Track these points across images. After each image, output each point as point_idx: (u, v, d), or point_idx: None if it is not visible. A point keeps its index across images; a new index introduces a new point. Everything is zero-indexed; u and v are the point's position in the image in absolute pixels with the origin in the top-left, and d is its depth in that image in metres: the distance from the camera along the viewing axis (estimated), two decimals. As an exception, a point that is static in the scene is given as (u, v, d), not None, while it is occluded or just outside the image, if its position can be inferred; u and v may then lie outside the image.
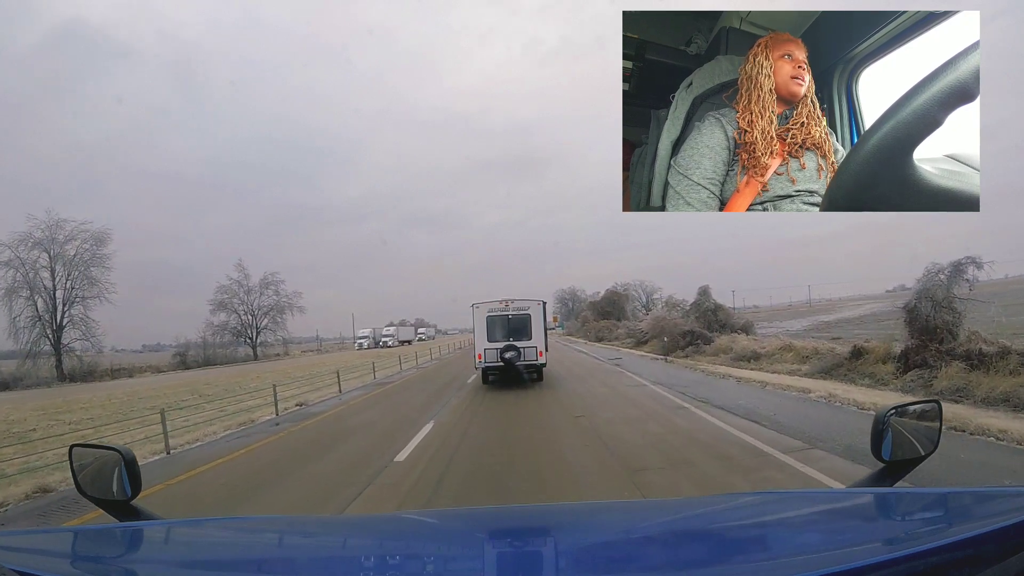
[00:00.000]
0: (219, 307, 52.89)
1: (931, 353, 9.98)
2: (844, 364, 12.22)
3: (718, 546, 1.16)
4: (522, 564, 1.13)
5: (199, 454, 8.40)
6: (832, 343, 16.25)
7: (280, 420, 11.26)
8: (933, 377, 9.43)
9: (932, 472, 4.34)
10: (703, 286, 27.01)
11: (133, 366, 41.67)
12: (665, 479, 5.33)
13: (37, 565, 0.94)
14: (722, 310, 26.49)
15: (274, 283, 55.39)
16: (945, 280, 10.79)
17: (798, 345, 16.74)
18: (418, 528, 1.52)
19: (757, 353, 17.18)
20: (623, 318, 47.60)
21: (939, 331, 10.28)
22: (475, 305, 14.89)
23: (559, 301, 76.49)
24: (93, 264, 39.00)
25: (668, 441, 6.96)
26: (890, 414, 1.36)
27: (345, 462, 6.96)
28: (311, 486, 5.98)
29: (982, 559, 0.76)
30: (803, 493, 1.95)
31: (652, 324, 28.27)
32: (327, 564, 1.22)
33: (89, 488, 1.43)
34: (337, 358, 43.17)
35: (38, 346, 37.03)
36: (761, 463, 5.74)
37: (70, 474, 1.50)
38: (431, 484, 5.59)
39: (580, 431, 7.97)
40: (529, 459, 6.48)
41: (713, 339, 21.49)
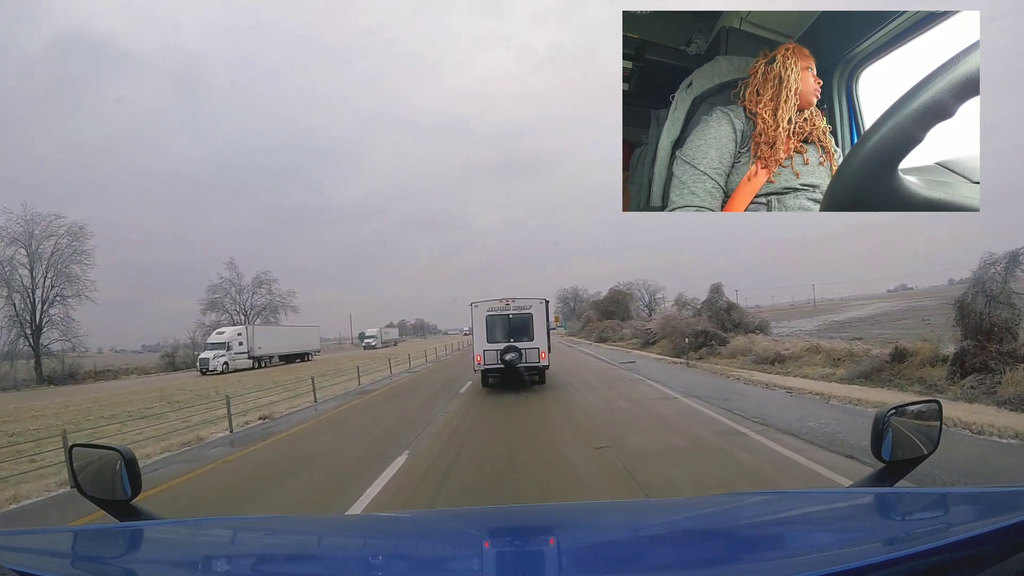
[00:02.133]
0: (210, 307, 51.09)
1: (990, 355, 8.87)
2: (885, 368, 10.91)
3: (719, 546, 1.16)
4: (522, 564, 1.12)
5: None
6: (854, 344, 14.96)
7: (235, 438, 9.83)
8: (996, 383, 8.34)
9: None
10: (715, 283, 25.38)
11: (119, 368, 40.29)
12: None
13: (37, 565, 0.94)
14: (736, 309, 24.82)
15: (267, 282, 53.51)
16: (1001, 273, 9.53)
17: (826, 346, 15.32)
18: (418, 528, 1.52)
19: (781, 355, 15.82)
20: (627, 318, 46.98)
21: (996, 330, 9.20)
22: (474, 304, 13.99)
23: (561, 300, 75.85)
24: (72, 261, 37.05)
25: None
26: (890, 414, 1.36)
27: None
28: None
29: (982, 559, 0.76)
30: (803, 493, 1.95)
31: (662, 324, 27.18)
32: (327, 564, 1.22)
33: (89, 488, 1.43)
34: (330, 360, 41.87)
35: (16, 347, 35.20)
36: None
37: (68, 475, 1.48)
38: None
39: (608, 475, 5.65)
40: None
41: (728, 340, 20.29)
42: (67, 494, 6.53)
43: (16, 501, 6.56)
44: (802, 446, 6.50)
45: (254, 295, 53.10)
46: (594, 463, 6.19)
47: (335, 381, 18.92)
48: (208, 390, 20.44)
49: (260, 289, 53.35)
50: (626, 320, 45.67)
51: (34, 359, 35.58)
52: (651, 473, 5.61)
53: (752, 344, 18.52)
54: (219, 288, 51.69)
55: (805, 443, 6.62)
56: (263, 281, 53.45)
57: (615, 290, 54.48)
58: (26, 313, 35.88)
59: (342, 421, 11.32)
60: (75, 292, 37.22)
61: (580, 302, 72.66)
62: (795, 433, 7.13)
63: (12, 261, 35.51)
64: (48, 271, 36.51)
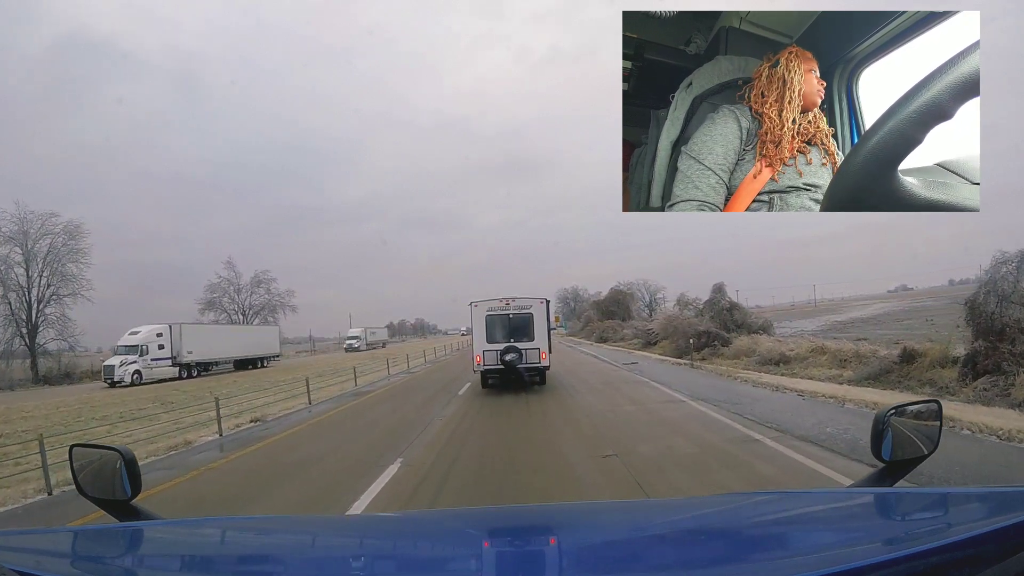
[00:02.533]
0: (208, 306, 50.10)
1: (1003, 356, 8.73)
2: (894, 369, 10.68)
3: (718, 546, 1.16)
4: (521, 564, 1.12)
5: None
6: (859, 344, 14.64)
7: (224, 442, 9.36)
8: (1010, 384, 8.21)
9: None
10: (718, 283, 24.98)
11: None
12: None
13: (37, 565, 0.94)
14: (738, 309, 24.44)
15: (266, 281, 52.46)
16: (1013, 272, 9.43)
17: (831, 347, 14.89)
18: (418, 528, 1.52)
19: (786, 356, 15.50)
20: (628, 318, 46.60)
21: (1009, 330, 9.10)
22: (473, 303, 13.66)
23: (561, 300, 75.02)
24: (68, 259, 36.17)
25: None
26: (890, 414, 1.36)
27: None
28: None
29: (982, 559, 0.76)
30: (803, 493, 1.95)
31: (664, 324, 26.78)
32: (327, 564, 1.22)
33: (89, 488, 1.43)
34: (329, 360, 41.13)
35: (11, 347, 34.52)
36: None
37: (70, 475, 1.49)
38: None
39: (617, 486, 5.37)
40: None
41: (731, 340, 19.96)
42: (44, 501, 6.36)
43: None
44: (823, 454, 6.17)
45: (252, 294, 52.59)
46: (601, 473, 5.86)
47: (331, 382, 17.97)
48: (203, 390, 19.64)
49: (258, 288, 52.83)
50: (627, 320, 45.30)
51: (30, 359, 34.86)
52: (664, 485, 5.34)
53: (756, 345, 18.16)
54: (217, 287, 51.19)
55: (826, 451, 6.31)
56: (261, 280, 52.93)
57: (616, 290, 53.96)
58: (22, 312, 35.23)
59: (337, 425, 10.62)
60: (71, 291, 36.52)
61: (580, 302, 72.19)
62: (814, 440, 6.80)
63: (8, 260, 34.84)
64: (44, 270, 35.89)
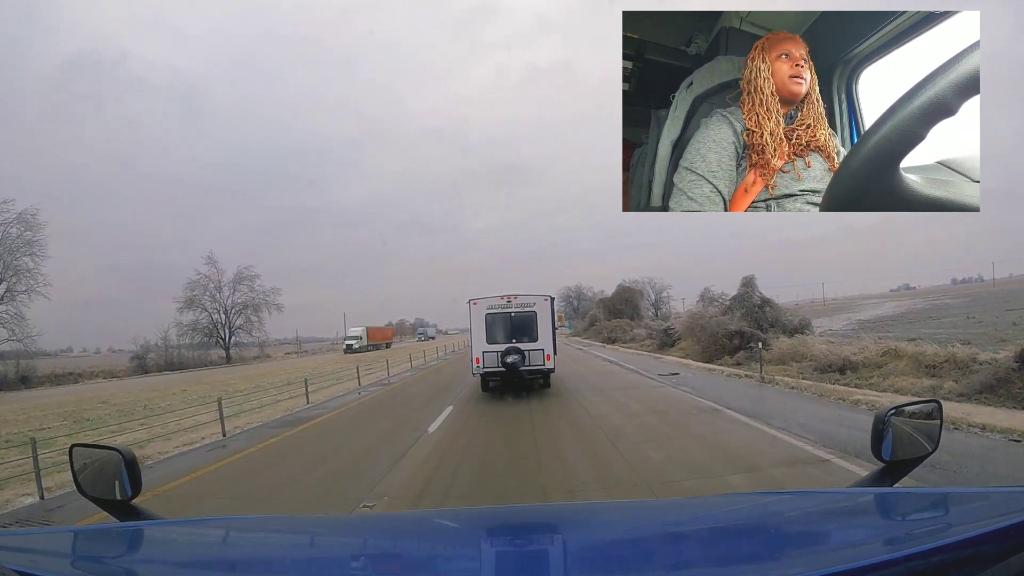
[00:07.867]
0: (187, 305, 47.31)
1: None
2: (1014, 378, 8.12)
3: (719, 546, 1.16)
4: (522, 564, 1.12)
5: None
6: (907, 344, 12.24)
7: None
8: None
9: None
10: (747, 276, 21.62)
11: (85, 370, 36.50)
12: None
13: (37, 565, 0.94)
14: (771, 306, 21.15)
15: (248, 278, 49.60)
16: None
17: (908, 350, 11.70)
18: (418, 528, 1.52)
19: (851, 361, 12.35)
20: (636, 317, 44.08)
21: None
22: (472, 301, 12.48)
23: (564, 300, 72.17)
24: (23, 252, 32.40)
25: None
26: (890, 414, 1.36)
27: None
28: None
29: (982, 559, 0.76)
30: (804, 493, 1.95)
31: (687, 322, 23.21)
32: (327, 564, 1.22)
33: (89, 488, 1.43)
34: (317, 361, 38.74)
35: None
36: None
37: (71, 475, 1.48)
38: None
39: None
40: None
41: (769, 341, 16.53)
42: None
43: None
44: None
45: (235, 292, 49.67)
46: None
47: (312, 387, 14.47)
48: (165, 395, 18.09)
49: (241, 286, 49.86)
50: (635, 319, 42.64)
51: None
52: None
53: (804, 347, 14.84)
54: (197, 285, 48.23)
55: None
56: (244, 277, 49.91)
57: (623, 287, 50.10)
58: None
59: (307, 444, 8.55)
60: (26, 288, 32.65)
61: (584, 300, 70.07)
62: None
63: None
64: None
